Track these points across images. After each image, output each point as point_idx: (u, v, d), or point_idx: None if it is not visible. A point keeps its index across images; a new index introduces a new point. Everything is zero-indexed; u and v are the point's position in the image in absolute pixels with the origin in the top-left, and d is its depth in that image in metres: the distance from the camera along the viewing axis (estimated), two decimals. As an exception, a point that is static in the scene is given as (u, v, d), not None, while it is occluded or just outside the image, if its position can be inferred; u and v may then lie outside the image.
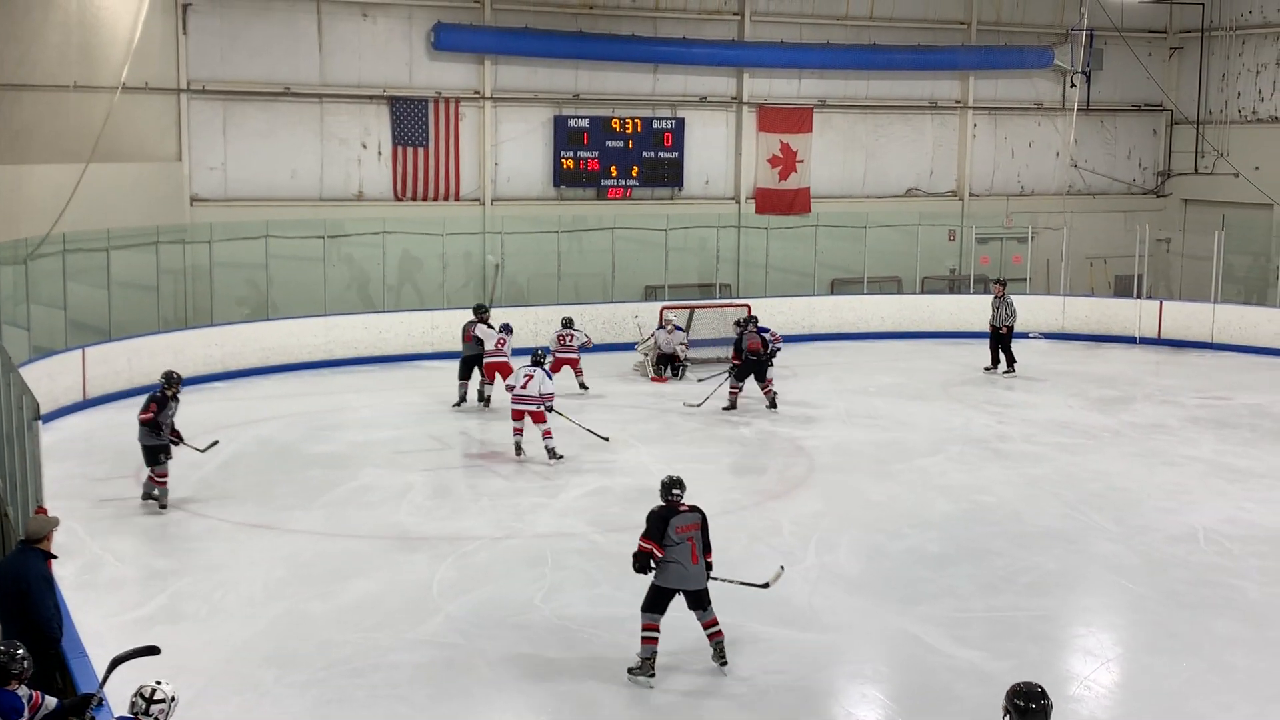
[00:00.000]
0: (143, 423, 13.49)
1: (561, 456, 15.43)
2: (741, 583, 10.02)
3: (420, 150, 23.86)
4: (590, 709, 9.07)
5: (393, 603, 10.96)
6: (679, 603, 9.49)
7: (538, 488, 14.56)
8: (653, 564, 9.39)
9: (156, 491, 13.49)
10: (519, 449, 15.68)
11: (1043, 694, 6.03)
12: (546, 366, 15.96)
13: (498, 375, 18.00)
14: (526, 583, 11.44)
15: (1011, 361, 21.41)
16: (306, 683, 9.38)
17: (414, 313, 22.82)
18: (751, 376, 18.47)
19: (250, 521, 13.20)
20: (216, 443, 14.67)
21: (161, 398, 13.54)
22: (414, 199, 23.93)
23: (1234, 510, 13.80)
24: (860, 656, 10.07)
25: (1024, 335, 23.59)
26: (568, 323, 19.98)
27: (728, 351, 19.63)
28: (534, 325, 22.85)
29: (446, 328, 22.42)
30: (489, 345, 18.28)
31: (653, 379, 20.65)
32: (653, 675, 9.29)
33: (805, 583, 11.38)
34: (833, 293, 26.50)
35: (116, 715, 6.62)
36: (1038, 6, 28.36)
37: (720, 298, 24.75)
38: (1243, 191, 27.64)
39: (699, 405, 18.47)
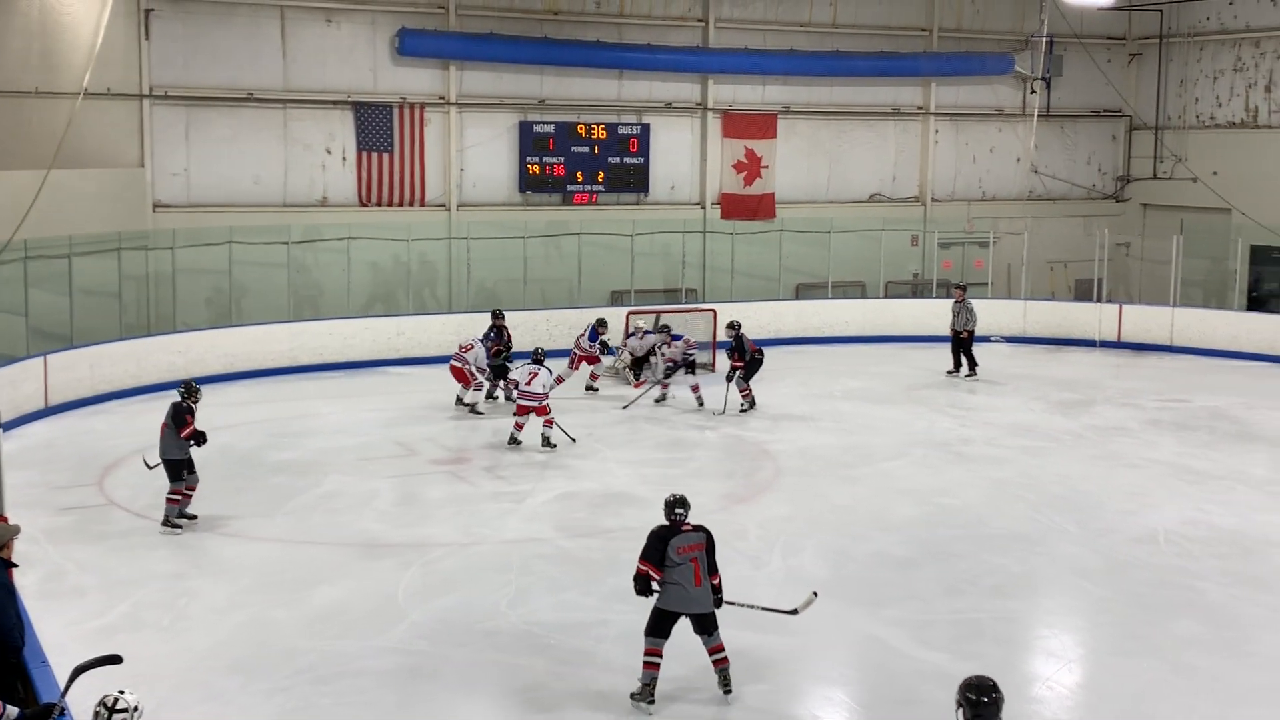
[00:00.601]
0: (187, 438, 13.04)
1: (554, 446, 16.29)
2: (765, 608, 9.80)
3: (385, 156, 23.81)
4: (556, 715, 9.08)
5: (358, 610, 10.93)
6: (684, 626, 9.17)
7: (504, 493, 14.55)
8: (655, 586, 9.07)
9: (168, 510, 13.09)
10: (514, 439, 16.44)
11: (993, 687, 6.13)
12: (547, 363, 16.80)
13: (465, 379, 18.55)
14: (493, 589, 11.43)
15: (973, 365, 21.57)
16: (271, 691, 9.34)
17: (380, 318, 22.78)
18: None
19: (214, 529, 13.13)
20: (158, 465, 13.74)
21: (190, 408, 13.23)
22: (379, 204, 23.88)
23: (1194, 512, 13.95)
24: (825, 659, 10.12)
25: (985, 339, 23.75)
26: (598, 324, 20.12)
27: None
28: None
29: (413, 333, 22.44)
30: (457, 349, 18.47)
31: (635, 385, 20.36)
32: (652, 702, 9.02)
33: (771, 585, 11.43)
34: (798, 297, 26.63)
35: (79, 725, 6.58)
36: (998, 13, 28.59)
37: (686, 302, 24.80)
38: (1201, 196, 27.96)
39: (724, 411, 18.49)
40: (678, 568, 8.97)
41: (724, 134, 26.60)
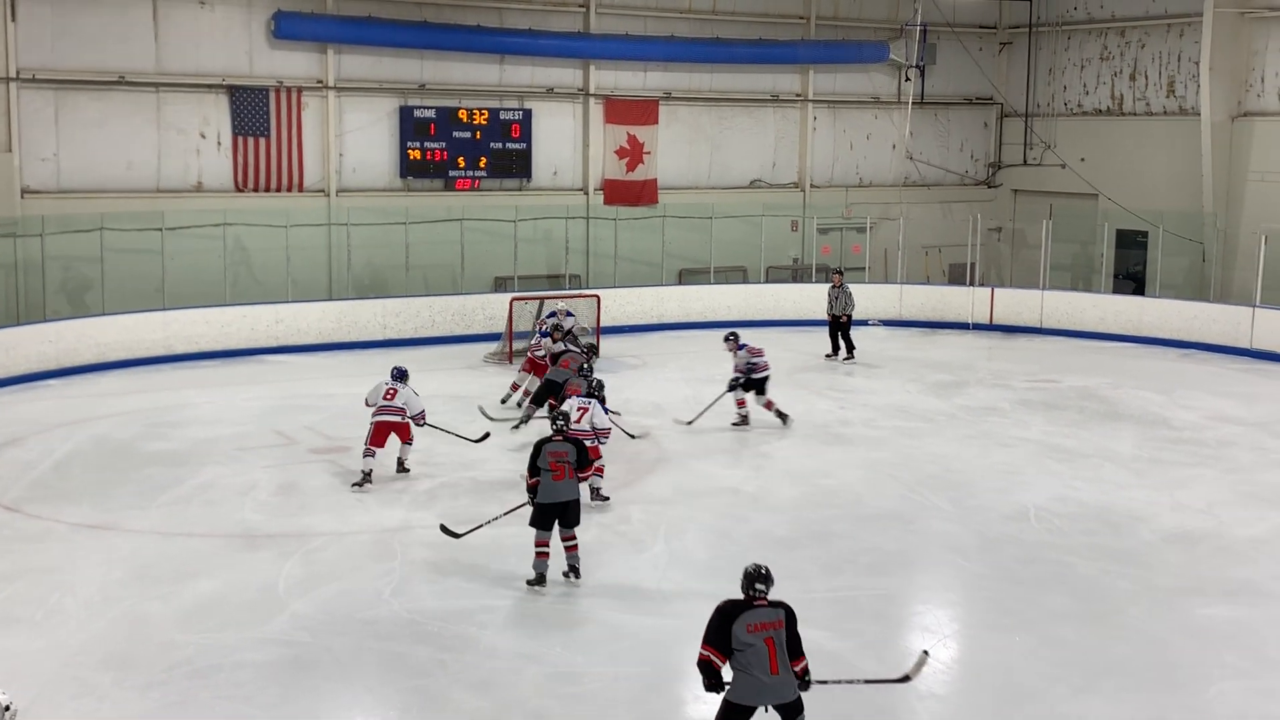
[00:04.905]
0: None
1: (608, 498, 13.60)
2: (870, 681, 8.84)
3: (262, 140, 23.39)
4: (439, 702, 9.07)
5: (237, 601, 10.78)
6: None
7: (384, 483, 14.43)
8: (725, 676, 7.55)
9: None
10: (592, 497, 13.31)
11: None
12: (603, 393, 14.49)
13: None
14: (374, 577, 11.37)
15: (851, 348, 21.93)
16: (147, 685, 9.18)
17: (257, 306, 22.38)
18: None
19: (87, 522, 12.84)
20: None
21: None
22: (255, 190, 23.45)
23: (1063, 489, 14.36)
24: (707, 640, 10.23)
25: (863, 323, 24.16)
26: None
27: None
28: (381, 317, 22.72)
29: (291, 321, 22.14)
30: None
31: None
32: None
33: (654, 569, 11.54)
34: (680, 283, 26.80)
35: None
36: (874, 2, 29.03)
37: (570, 288, 24.83)
38: (1069, 182, 28.77)
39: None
40: (748, 650, 7.47)
41: (606, 120, 26.63)
